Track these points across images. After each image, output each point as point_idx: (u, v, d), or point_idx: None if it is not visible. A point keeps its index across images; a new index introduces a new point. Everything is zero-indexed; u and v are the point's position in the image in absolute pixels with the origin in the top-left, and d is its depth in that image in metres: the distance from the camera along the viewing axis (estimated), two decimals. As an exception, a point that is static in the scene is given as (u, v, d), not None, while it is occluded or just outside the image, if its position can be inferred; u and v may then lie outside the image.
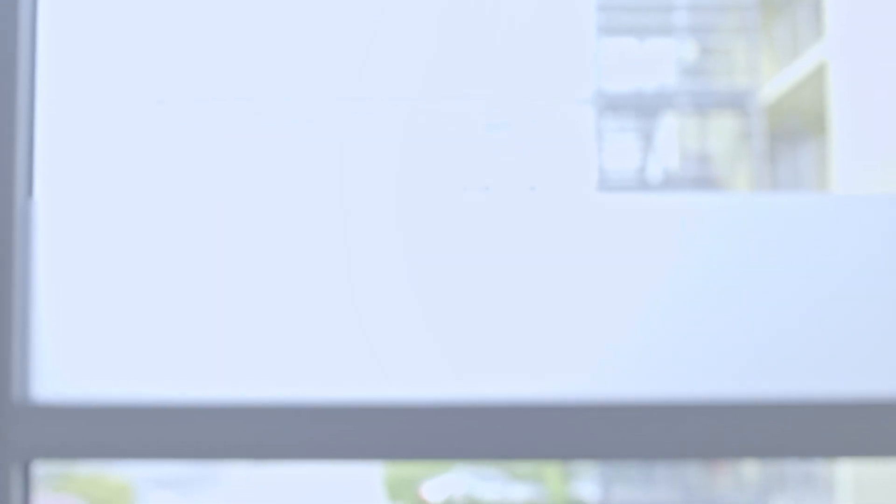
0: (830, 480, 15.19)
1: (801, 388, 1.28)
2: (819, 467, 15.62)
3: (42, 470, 23.57)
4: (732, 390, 1.29)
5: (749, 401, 1.26)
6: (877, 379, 1.27)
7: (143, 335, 1.32)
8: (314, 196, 1.44)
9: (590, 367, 1.30)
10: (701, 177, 18.78)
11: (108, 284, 1.33)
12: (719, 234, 1.33)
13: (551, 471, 22.31)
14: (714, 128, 19.68)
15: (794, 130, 17.92)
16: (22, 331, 1.28)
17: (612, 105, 18.30)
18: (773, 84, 16.62)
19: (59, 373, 1.29)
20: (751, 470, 17.15)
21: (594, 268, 1.32)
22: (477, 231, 1.34)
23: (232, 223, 1.34)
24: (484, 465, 22.58)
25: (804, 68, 15.15)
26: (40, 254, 1.29)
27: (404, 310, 1.33)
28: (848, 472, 13.88)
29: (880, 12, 13.20)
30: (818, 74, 15.08)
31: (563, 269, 1.32)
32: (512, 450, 1.27)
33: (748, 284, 1.31)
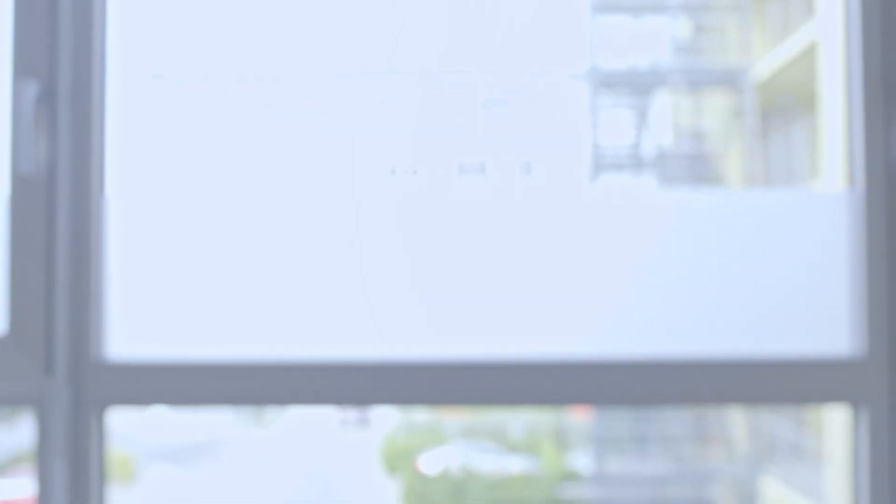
0: (819, 453, 15.45)
1: (736, 351, 1.56)
2: (808, 440, 15.88)
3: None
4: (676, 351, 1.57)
5: (693, 359, 1.54)
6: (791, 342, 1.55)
7: (192, 306, 1.60)
8: (321, 178, 1.71)
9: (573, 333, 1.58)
10: (694, 153, 18.99)
11: (162, 266, 1.61)
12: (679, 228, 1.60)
13: (547, 444, 22.49)
14: (707, 105, 19.86)
15: (786, 108, 18.13)
16: (97, 304, 1.56)
17: (606, 82, 18.47)
18: (766, 62, 16.85)
19: (126, 337, 1.57)
20: (742, 442, 17.39)
21: (582, 249, 1.59)
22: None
23: (258, 202, 1.62)
24: (480, 439, 22.69)
25: (795, 47, 15.37)
26: (111, 242, 1.57)
27: (416, 286, 1.61)
28: (836, 445, 14.17)
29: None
30: (809, 53, 15.30)
31: (554, 251, 1.59)
32: (506, 397, 1.55)
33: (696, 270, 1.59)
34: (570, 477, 19.86)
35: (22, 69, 1.52)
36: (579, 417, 22.46)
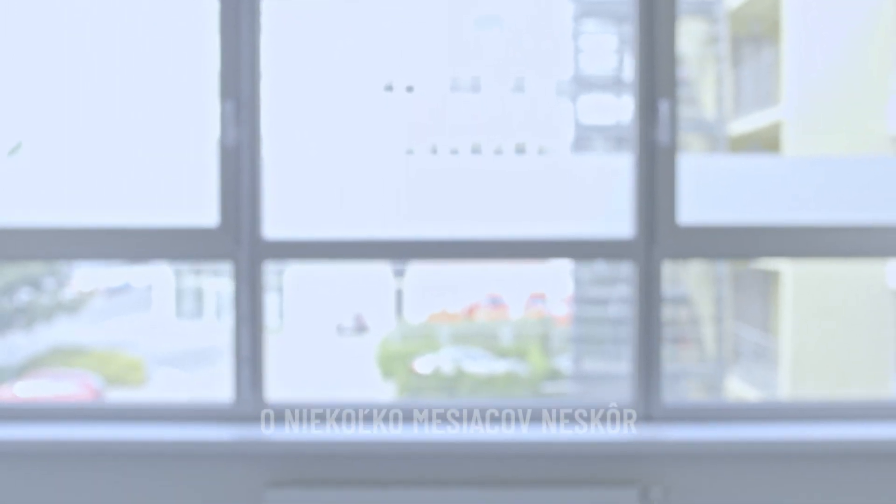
0: (776, 354, 16.79)
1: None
2: (767, 343, 17.18)
3: (56, 347, 24.34)
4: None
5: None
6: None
7: (313, 204, 3.13)
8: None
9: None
10: (672, 77, 19.94)
11: (288, 188, 3.13)
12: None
13: (533, 348, 23.27)
14: (683, 32, 20.79)
15: (756, 36, 19.18)
16: (259, 210, 3.10)
17: (588, 8, 19.40)
18: (737, -7, 17.92)
19: (278, 223, 3.11)
20: (710, 345, 18.54)
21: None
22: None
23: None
24: (472, 345, 23.45)
25: (763, -20, 16.46)
26: (266, 177, 3.11)
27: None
28: (788, 347, 15.58)
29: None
30: (775, -15, 16.41)
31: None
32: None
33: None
34: (552, 376, 20.93)
35: (224, 92, 3.08)
36: (563, 324, 23.35)
